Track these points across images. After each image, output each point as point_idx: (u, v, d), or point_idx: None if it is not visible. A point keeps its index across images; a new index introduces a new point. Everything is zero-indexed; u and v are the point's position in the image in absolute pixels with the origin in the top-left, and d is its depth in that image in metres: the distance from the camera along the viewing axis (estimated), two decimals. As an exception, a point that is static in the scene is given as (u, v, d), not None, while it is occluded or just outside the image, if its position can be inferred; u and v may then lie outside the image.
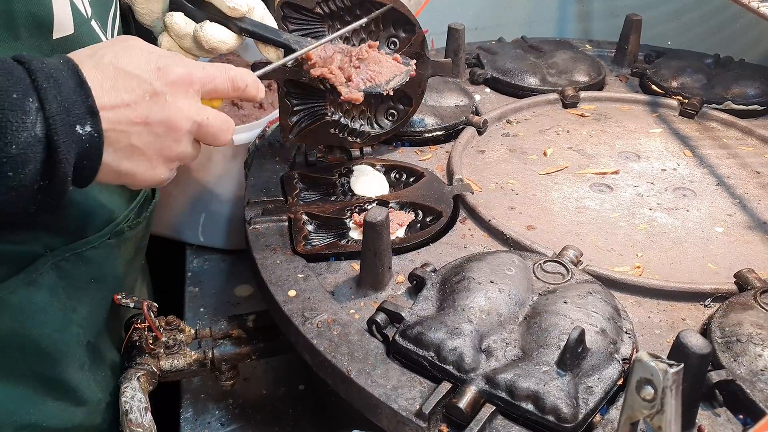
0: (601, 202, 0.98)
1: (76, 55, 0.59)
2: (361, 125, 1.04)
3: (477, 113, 1.20)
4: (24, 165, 0.53)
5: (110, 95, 0.57)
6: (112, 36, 0.81)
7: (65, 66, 0.57)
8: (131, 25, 0.90)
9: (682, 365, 0.45)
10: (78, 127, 0.55)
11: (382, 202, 0.94)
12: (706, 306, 0.80)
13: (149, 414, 0.77)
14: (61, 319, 0.76)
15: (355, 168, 1.01)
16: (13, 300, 0.69)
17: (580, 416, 0.61)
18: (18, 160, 0.52)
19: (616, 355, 0.67)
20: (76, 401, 0.80)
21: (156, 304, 0.85)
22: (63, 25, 0.66)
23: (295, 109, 0.99)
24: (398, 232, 0.89)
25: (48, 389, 0.77)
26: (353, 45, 0.99)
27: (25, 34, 0.63)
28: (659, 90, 1.31)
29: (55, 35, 0.66)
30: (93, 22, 0.73)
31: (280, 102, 0.99)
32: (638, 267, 0.85)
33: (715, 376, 0.65)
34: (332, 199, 0.97)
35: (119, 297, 0.82)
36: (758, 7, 1.02)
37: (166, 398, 1.01)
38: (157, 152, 0.62)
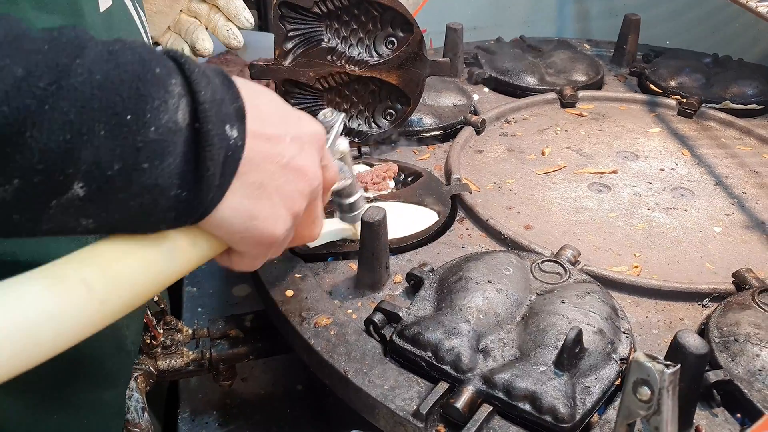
0: (599, 202, 0.98)
1: None
2: (359, 125, 1.04)
3: (475, 113, 1.19)
4: (162, 156, 0.43)
5: (255, 122, 0.49)
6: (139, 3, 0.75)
7: (208, 67, 0.49)
8: None
9: (679, 366, 0.45)
10: (227, 127, 0.47)
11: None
12: (703, 306, 0.80)
13: (147, 414, 0.77)
14: (119, 339, 0.72)
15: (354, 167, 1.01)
16: None
17: (578, 416, 0.61)
18: (155, 148, 0.43)
19: (613, 355, 0.67)
20: (119, 416, 0.77)
21: (166, 302, 0.84)
22: None
23: (292, 108, 0.98)
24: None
25: (106, 416, 0.73)
26: (351, 45, 0.99)
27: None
28: (657, 89, 1.31)
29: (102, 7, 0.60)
30: None
31: (278, 101, 0.99)
32: (636, 267, 0.85)
33: (712, 376, 0.65)
34: (329, 198, 0.97)
35: None
36: (756, 7, 1.02)
37: (163, 398, 1.01)
38: (283, 199, 0.53)
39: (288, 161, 0.53)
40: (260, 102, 0.52)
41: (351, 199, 0.78)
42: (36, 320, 0.41)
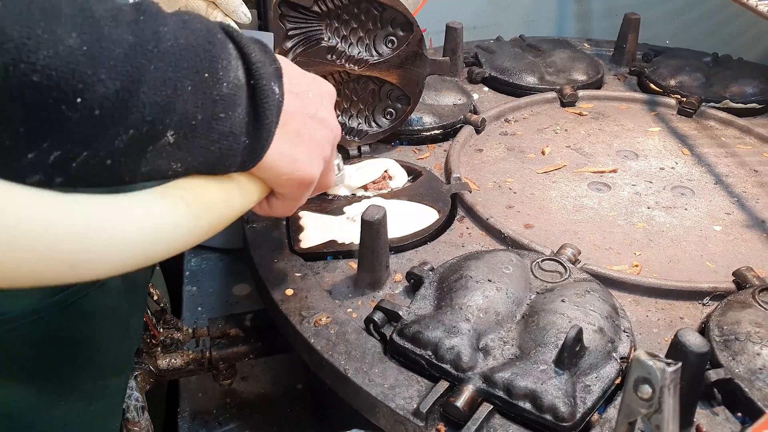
0: (599, 201, 0.98)
1: None
2: (359, 124, 1.04)
3: (475, 112, 1.19)
4: (234, 107, 0.51)
5: (286, 80, 0.57)
6: None
7: (243, 36, 0.56)
8: None
9: (680, 364, 0.45)
10: (273, 83, 0.54)
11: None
12: (704, 304, 0.80)
13: (146, 413, 0.77)
14: (124, 327, 0.74)
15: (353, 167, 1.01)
16: (85, 305, 0.66)
17: (578, 415, 0.61)
18: (228, 101, 0.51)
19: (614, 354, 0.67)
20: (121, 403, 0.77)
21: (166, 301, 0.84)
22: None
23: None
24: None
25: (109, 403, 0.74)
26: (350, 44, 0.99)
27: None
28: (657, 89, 1.31)
29: None
30: None
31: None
32: (636, 265, 0.85)
33: (713, 374, 0.65)
34: (330, 197, 0.97)
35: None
36: (756, 6, 1.02)
37: (163, 397, 1.01)
38: (315, 145, 0.62)
39: (314, 113, 0.61)
40: (285, 64, 0.59)
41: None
42: (150, 224, 0.47)
